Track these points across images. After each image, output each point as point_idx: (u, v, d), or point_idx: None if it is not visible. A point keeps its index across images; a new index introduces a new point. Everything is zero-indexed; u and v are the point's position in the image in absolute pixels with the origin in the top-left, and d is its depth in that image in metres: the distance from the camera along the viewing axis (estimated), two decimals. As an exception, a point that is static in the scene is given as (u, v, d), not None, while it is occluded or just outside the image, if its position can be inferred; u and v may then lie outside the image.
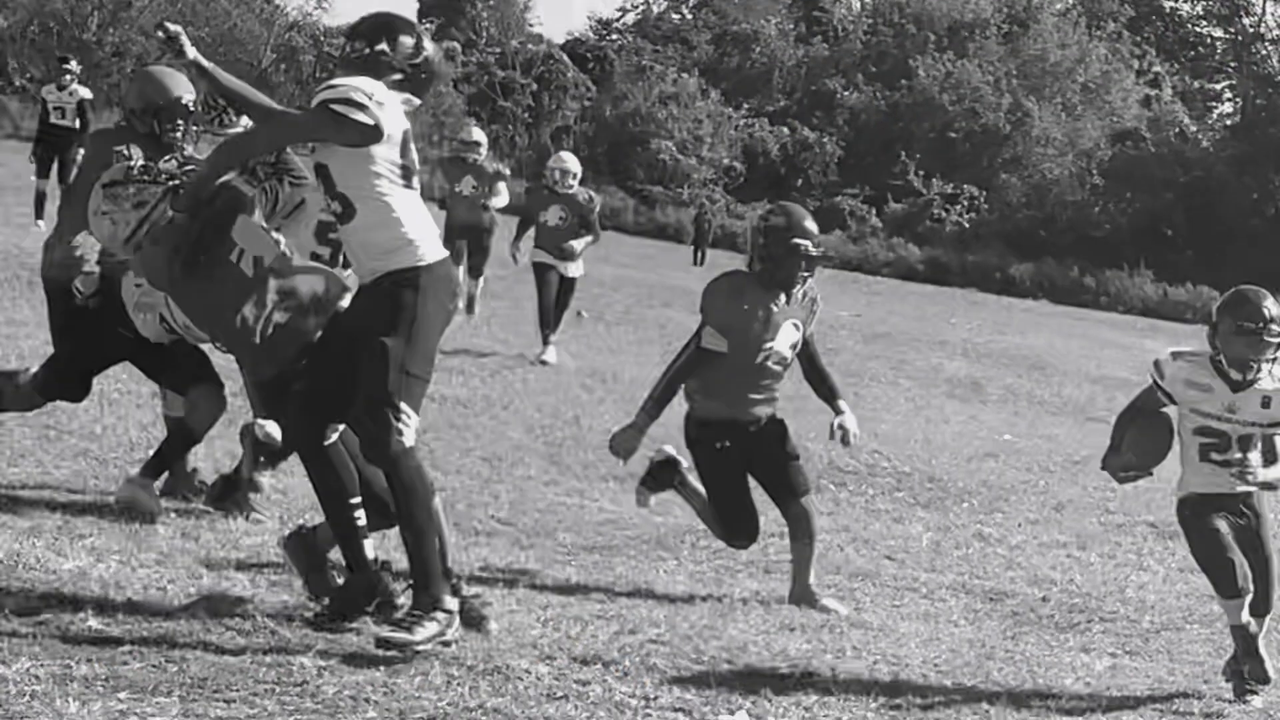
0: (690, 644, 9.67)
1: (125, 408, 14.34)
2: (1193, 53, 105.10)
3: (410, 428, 8.56)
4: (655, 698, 8.50)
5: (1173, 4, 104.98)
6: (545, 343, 22.38)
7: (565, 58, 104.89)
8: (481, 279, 25.56)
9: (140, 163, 10.08)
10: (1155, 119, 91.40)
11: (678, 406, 11.20)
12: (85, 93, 30.22)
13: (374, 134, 8.57)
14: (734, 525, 11.21)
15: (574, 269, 22.73)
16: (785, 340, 11.18)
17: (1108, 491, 17.16)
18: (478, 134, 26.18)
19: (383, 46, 8.84)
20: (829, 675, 9.38)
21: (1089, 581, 12.97)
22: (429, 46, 9.04)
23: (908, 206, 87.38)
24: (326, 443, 8.94)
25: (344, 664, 8.33)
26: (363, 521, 9.01)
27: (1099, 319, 61.95)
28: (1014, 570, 12.68)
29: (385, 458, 8.61)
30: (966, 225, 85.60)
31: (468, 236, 24.63)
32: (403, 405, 8.52)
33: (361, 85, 8.60)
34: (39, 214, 29.54)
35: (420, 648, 8.45)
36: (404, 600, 8.84)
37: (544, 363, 21.86)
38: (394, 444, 8.52)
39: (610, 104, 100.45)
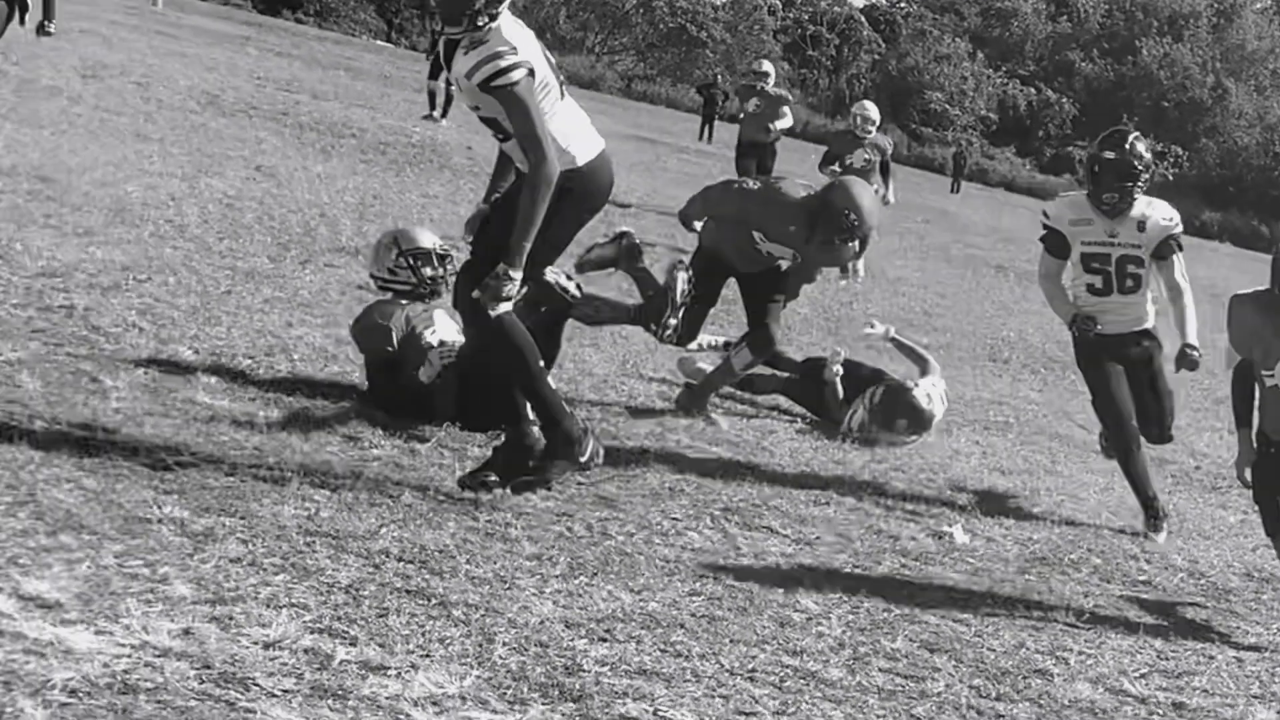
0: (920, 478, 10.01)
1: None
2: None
3: (511, 294, 7.28)
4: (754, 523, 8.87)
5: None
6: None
7: (863, 19, 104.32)
8: None
9: None
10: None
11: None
12: None
13: (531, 76, 7.21)
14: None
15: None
16: None
17: (1258, 392, 17.14)
18: (767, 65, 24.83)
19: None
20: (1028, 507, 9.71)
21: (1234, 457, 13.03)
22: None
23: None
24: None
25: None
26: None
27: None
28: (1177, 445, 12.77)
29: (479, 315, 7.39)
30: (1170, 178, 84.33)
31: (755, 155, 23.38)
32: (511, 272, 7.19)
33: (497, 45, 7.22)
34: (432, 106, 30.30)
35: (556, 480, 7.66)
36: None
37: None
38: (487, 308, 7.30)
39: (895, 59, 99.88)
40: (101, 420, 7.44)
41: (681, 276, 10.05)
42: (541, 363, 7.58)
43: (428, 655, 5.28)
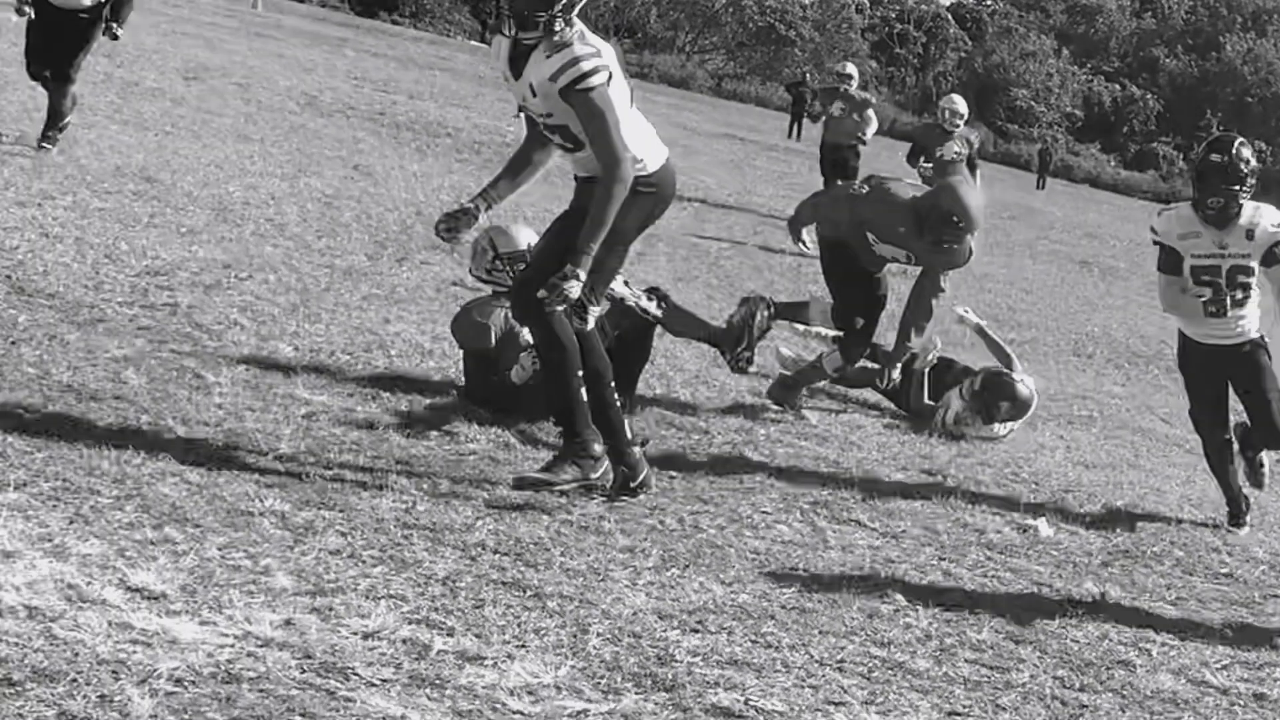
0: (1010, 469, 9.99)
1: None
2: None
3: (575, 295, 7.18)
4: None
5: None
6: None
7: (949, 17, 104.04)
8: None
9: None
10: None
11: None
12: None
13: (610, 82, 7.19)
14: None
15: None
16: None
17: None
18: (850, 68, 24.48)
19: None
20: (1111, 500, 9.67)
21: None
22: None
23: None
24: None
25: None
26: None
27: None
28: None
29: (534, 314, 7.35)
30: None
31: (835, 156, 23.10)
32: (579, 272, 7.11)
33: (580, 49, 7.17)
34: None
35: (561, 488, 7.41)
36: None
37: None
38: (549, 306, 7.18)
39: (981, 56, 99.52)
40: (204, 415, 7.53)
41: (763, 311, 10.14)
42: (581, 372, 7.46)
43: (523, 645, 5.33)
